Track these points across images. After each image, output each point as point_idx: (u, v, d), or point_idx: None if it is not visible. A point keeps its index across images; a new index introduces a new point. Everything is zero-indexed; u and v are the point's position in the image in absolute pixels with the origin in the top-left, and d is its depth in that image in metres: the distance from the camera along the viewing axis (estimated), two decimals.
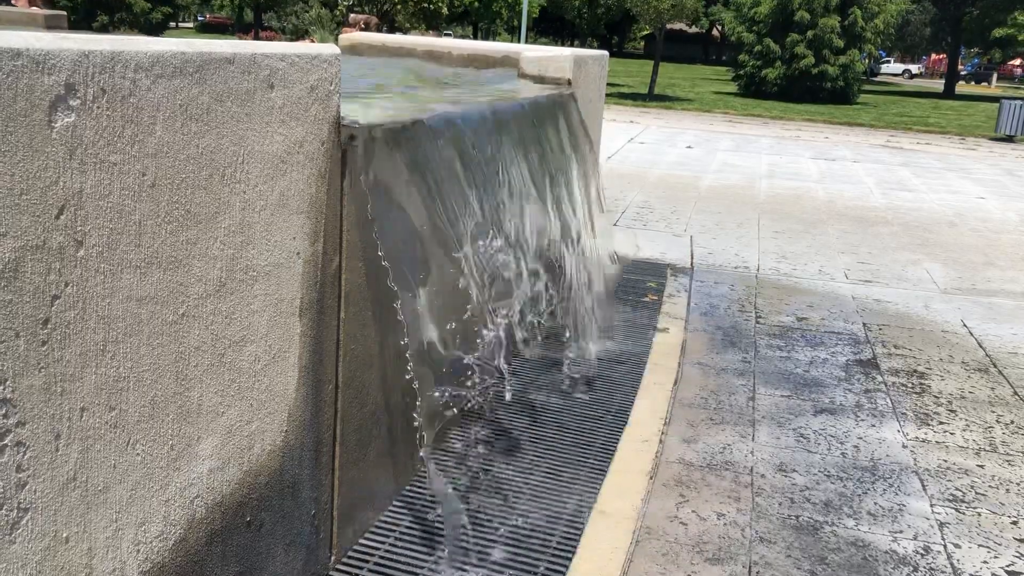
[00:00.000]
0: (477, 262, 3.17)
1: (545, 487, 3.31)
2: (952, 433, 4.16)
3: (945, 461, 3.87)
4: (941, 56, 59.73)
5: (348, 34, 6.79)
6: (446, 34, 43.05)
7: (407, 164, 2.74)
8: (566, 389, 4.22)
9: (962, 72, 54.50)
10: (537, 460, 3.51)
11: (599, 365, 4.56)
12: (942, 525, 3.32)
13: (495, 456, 3.51)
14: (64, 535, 1.62)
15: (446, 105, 3.31)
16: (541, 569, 2.77)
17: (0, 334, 1.42)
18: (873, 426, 4.17)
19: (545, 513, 3.12)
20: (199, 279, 1.90)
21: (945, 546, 3.18)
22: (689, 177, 11.56)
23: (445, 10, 36.40)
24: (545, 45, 11.10)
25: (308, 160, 2.26)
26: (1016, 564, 3.10)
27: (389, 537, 2.88)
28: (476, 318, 3.35)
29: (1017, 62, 63.76)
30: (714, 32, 65.60)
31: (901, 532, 3.25)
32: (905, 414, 4.35)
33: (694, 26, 56.46)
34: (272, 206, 2.13)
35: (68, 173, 1.51)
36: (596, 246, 4.55)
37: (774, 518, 3.29)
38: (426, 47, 6.18)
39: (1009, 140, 19.71)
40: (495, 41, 17.97)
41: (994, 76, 57.63)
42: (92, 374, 1.63)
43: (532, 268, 3.63)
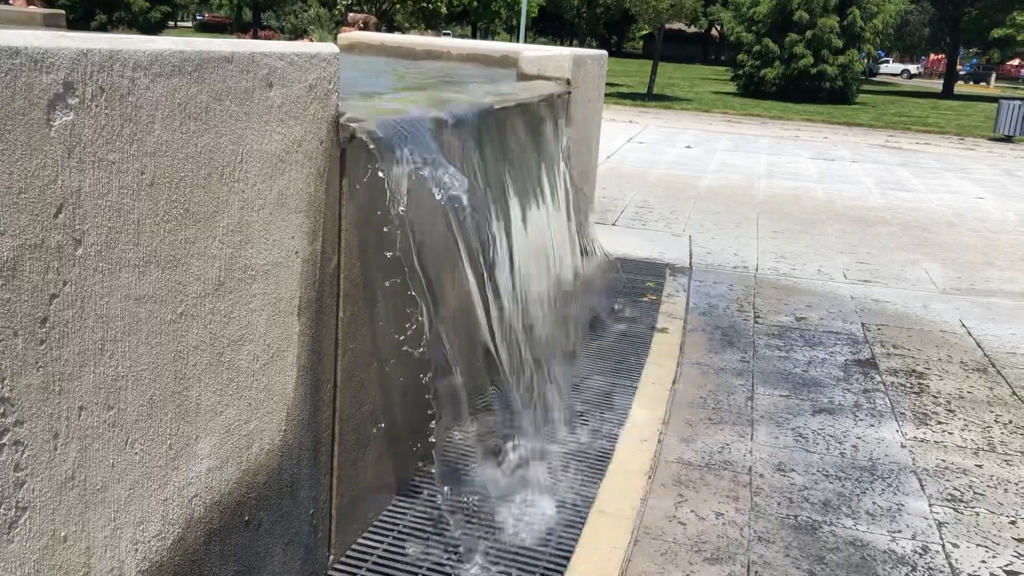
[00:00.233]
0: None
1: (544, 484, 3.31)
2: (950, 433, 4.17)
3: (943, 461, 3.87)
4: (940, 56, 59.76)
5: (347, 33, 6.78)
6: (445, 33, 43.04)
7: None
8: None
9: (961, 72, 54.55)
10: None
11: (598, 365, 4.56)
12: (940, 525, 3.33)
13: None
14: (62, 534, 1.62)
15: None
16: (540, 568, 2.77)
17: None
18: (872, 426, 4.17)
19: (544, 512, 3.12)
20: (198, 278, 1.90)
21: (943, 546, 3.19)
22: (688, 177, 11.56)
23: (444, 9, 36.39)
24: (544, 45, 11.10)
25: (307, 159, 2.26)
26: (1014, 564, 3.10)
27: (388, 536, 2.88)
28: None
29: (1016, 62, 63.84)
30: (713, 32, 65.62)
31: (899, 532, 3.26)
32: (904, 414, 4.35)
33: (693, 26, 56.47)
34: (271, 205, 2.13)
35: (67, 172, 1.51)
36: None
37: (773, 518, 3.30)
38: (425, 46, 6.18)
39: (1008, 140, 19.72)
40: (494, 41, 17.96)
41: (993, 76, 57.70)
42: (90, 373, 1.63)
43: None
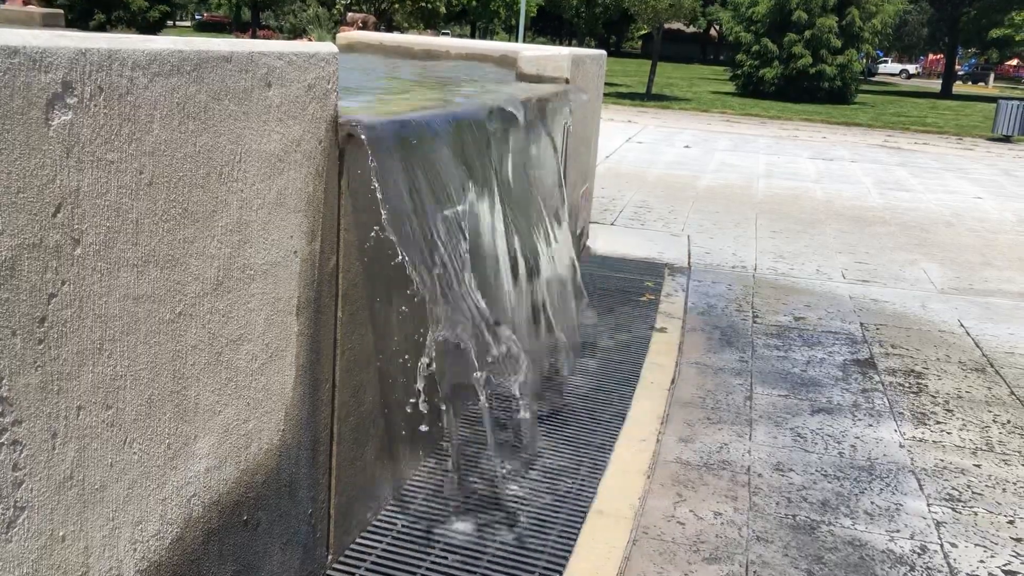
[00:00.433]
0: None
1: (543, 484, 3.31)
2: (949, 433, 4.17)
3: (942, 461, 3.87)
4: (938, 56, 59.81)
5: (346, 33, 6.78)
6: (444, 33, 43.05)
7: None
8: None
9: (959, 72, 54.58)
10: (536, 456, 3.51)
11: (597, 365, 4.56)
12: (939, 524, 3.33)
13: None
14: (61, 534, 1.62)
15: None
16: (539, 568, 2.77)
17: None
18: (870, 426, 4.18)
19: (543, 511, 3.12)
20: (196, 278, 1.89)
21: (942, 545, 3.19)
22: (687, 177, 11.57)
23: (443, 9, 36.39)
24: (543, 44, 11.10)
25: (306, 159, 2.26)
26: (1013, 563, 3.10)
27: (387, 536, 2.88)
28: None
29: (1014, 62, 63.88)
30: (712, 32, 65.63)
31: (898, 531, 3.26)
32: (902, 414, 4.35)
33: (692, 26, 56.50)
34: (269, 205, 2.13)
35: (65, 171, 1.51)
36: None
37: (771, 517, 3.30)
38: (424, 46, 6.18)
39: (1006, 140, 19.74)
40: (493, 40, 17.96)
41: (991, 76, 57.74)
42: (89, 372, 1.63)
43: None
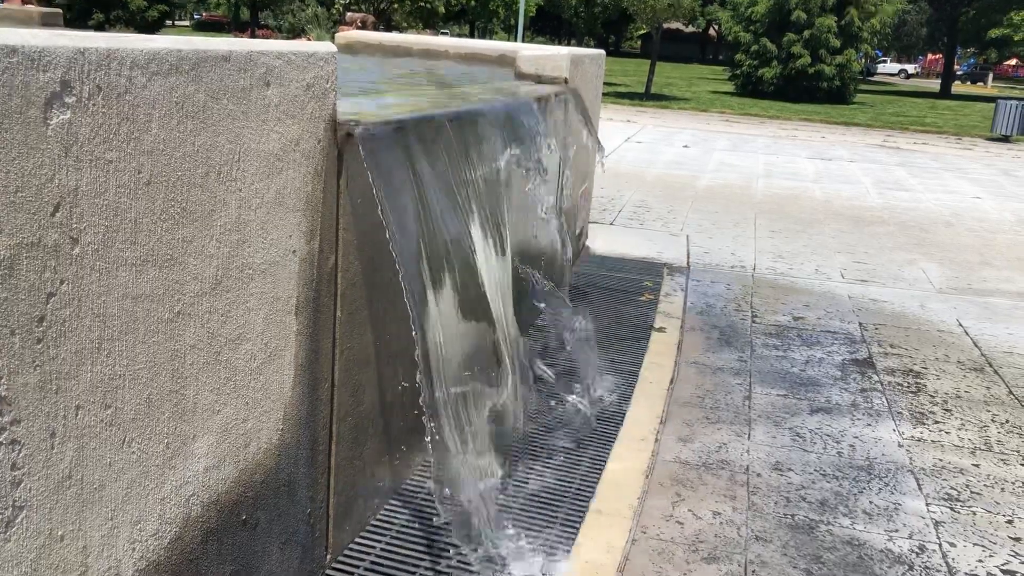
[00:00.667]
0: None
1: (542, 484, 3.31)
2: (948, 432, 4.17)
3: (940, 460, 3.87)
4: (937, 56, 59.85)
5: (345, 32, 6.78)
6: (443, 33, 43.03)
7: None
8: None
9: (958, 72, 54.61)
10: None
11: (596, 364, 4.56)
12: (937, 524, 3.33)
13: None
14: (59, 533, 1.62)
15: None
16: (538, 568, 2.77)
17: None
18: (869, 425, 4.18)
19: (542, 511, 3.12)
20: (195, 277, 1.89)
21: (940, 545, 3.19)
22: (686, 176, 11.57)
23: (442, 9, 36.39)
24: (542, 44, 11.11)
25: (304, 158, 2.26)
26: (1011, 563, 3.10)
27: (385, 536, 2.88)
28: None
29: (1013, 62, 63.91)
30: (711, 32, 65.64)
31: (897, 531, 3.26)
32: (901, 413, 4.35)
33: (691, 25, 56.53)
34: (268, 204, 2.13)
35: (64, 170, 1.51)
36: None
37: (770, 517, 3.30)
38: (423, 46, 6.18)
39: (1005, 140, 19.75)
40: (492, 40, 17.94)
41: (990, 76, 57.78)
42: (87, 372, 1.63)
43: None
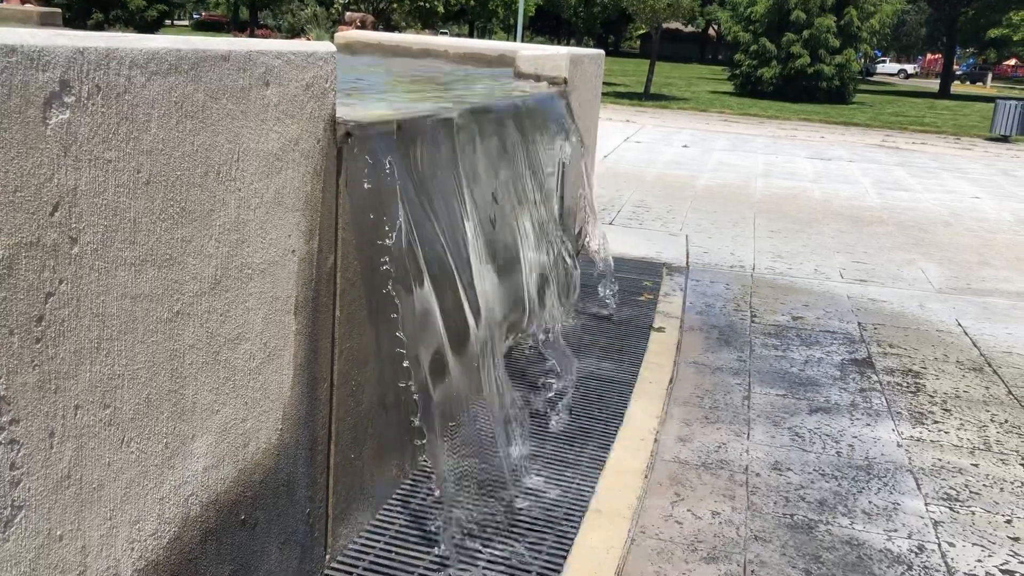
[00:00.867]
0: None
1: (541, 484, 3.30)
2: (947, 432, 4.17)
3: (940, 460, 3.88)
4: (936, 56, 59.86)
5: (344, 32, 6.79)
6: (442, 32, 43.03)
7: None
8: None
9: (957, 72, 54.62)
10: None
11: (595, 364, 4.56)
12: (936, 524, 3.33)
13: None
14: (58, 533, 1.62)
15: None
16: (537, 568, 2.77)
17: None
18: (868, 425, 4.18)
19: (541, 511, 3.12)
20: (194, 277, 1.89)
21: (939, 545, 3.19)
22: (685, 176, 11.57)
23: (441, 8, 36.36)
24: (541, 44, 11.13)
25: (304, 158, 2.26)
26: (1010, 563, 3.11)
27: (384, 536, 2.88)
28: None
29: (1012, 62, 63.94)
30: (710, 31, 65.64)
31: (896, 531, 3.26)
32: (900, 413, 4.35)
33: (690, 25, 56.51)
34: (267, 204, 2.13)
35: (63, 170, 1.51)
36: None
37: (769, 517, 3.30)
38: (422, 46, 6.18)
39: (1004, 140, 19.75)
40: (491, 40, 17.96)
41: (989, 76, 57.79)
42: (86, 372, 1.63)
43: None
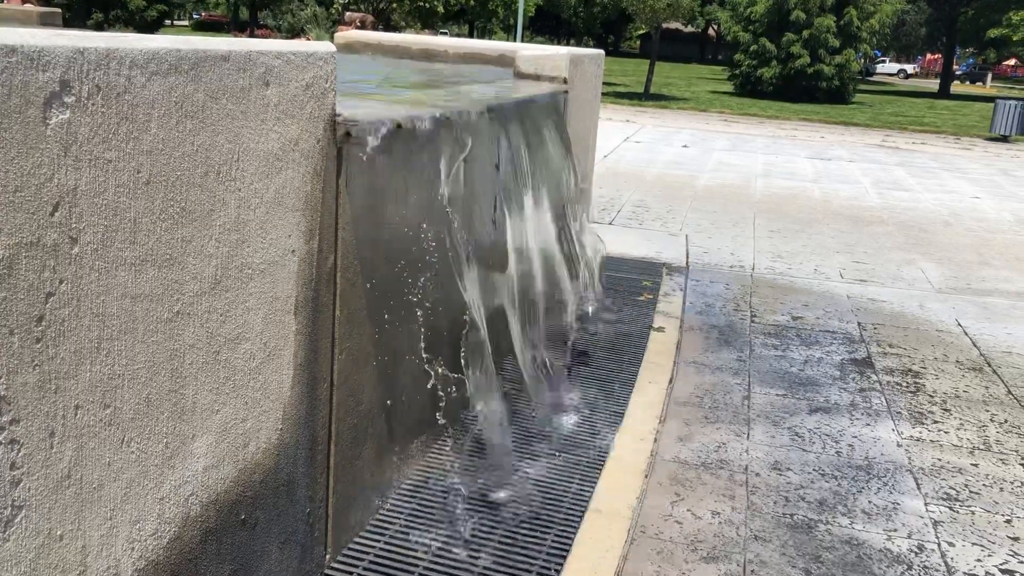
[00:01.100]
0: None
1: (541, 483, 3.30)
2: (946, 432, 4.17)
3: (939, 460, 3.88)
4: (936, 56, 59.86)
5: (344, 32, 6.78)
6: (442, 32, 43.03)
7: None
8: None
9: (957, 72, 54.63)
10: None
11: (595, 364, 4.56)
12: (936, 524, 3.33)
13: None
14: (58, 533, 1.62)
15: None
16: (536, 568, 2.77)
17: None
18: (868, 425, 4.18)
19: (541, 511, 3.12)
20: (194, 277, 1.89)
21: (939, 544, 3.19)
22: (685, 176, 11.57)
23: (441, 8, 36.37)
24: (541, 44, 11.14)
25: (304, 158, 2.26)
26: (1010, 562, 3.11)
27: (384, 535, 2.88)
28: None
29: (1012, 62, 63.94)
30: (710, 31, 65.65)
31: (895, 531, 3.26)
32: (900, 413, 4.35)
33: (690, 25, 56.54)
34: (267, 204, 2.13)
35: (63, 170, 1.51)
36: None
37: (769, 516, 3.30)
38: (422, 46, 6.18)
39: (1004, 140, 19.76)
40: (491, 40, 17.97)
41: (989, 76, 57.79)
42: (87, 372, 1.63)
43: None
